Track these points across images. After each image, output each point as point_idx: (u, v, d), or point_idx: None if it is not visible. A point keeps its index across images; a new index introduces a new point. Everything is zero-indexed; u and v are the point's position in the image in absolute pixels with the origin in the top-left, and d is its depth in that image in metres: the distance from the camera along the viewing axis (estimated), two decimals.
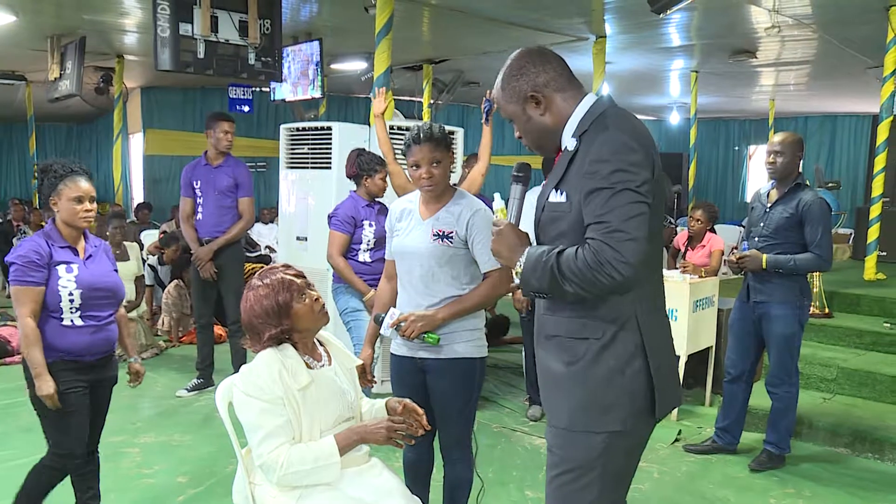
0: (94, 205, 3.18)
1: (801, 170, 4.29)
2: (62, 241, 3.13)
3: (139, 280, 7.25)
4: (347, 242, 4.58)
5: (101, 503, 3.47)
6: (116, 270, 3.34)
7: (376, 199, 4.70)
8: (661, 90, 13.34)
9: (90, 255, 3.20)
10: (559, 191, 2.01)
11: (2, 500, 3.25)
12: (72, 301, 3.06)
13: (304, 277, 2.51)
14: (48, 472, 3.20)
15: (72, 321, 3.08)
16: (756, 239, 4.31)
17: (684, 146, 13.03)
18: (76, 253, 3.15)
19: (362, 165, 4.61)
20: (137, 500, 3.90)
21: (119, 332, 3.35)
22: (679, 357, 4.82)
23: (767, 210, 4.30)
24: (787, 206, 4.19)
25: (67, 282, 3.06)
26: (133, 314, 6.86)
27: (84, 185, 3.13)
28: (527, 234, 2.09)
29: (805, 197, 4.14)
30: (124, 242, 7.12)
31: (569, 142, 2.02)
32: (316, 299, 2.47)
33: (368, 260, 4.61)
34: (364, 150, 4.81)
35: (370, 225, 4.59)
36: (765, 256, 4.18)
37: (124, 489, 3.99)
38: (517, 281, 2.04)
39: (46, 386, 2.99)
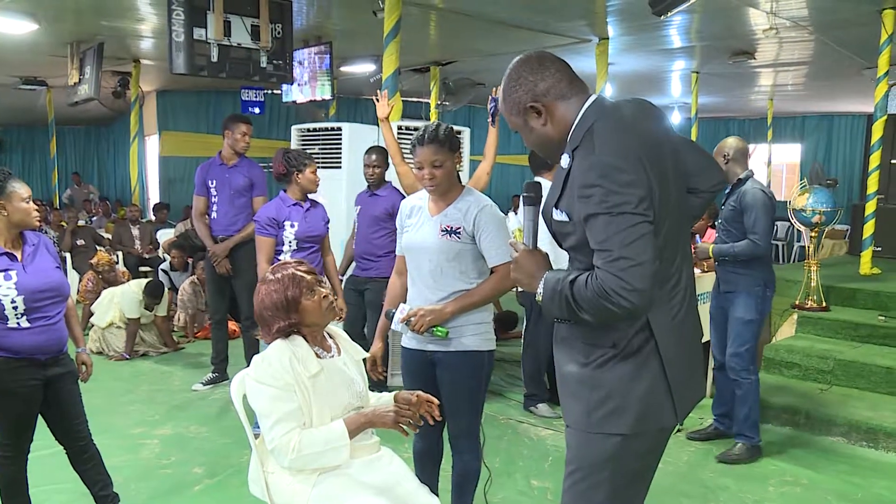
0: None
1: (747, 167, 4.53)
2: None
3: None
4: (273, 245, 4.45)
5: (123, 493, 3.55)
6: (59, 267, 3.28)
7: (308, 197, 4.59)
8: (662, 91, 13.40)
9: (30, 257, 3.13)
10: (559, 209, 1.94)
11: (32, 487, 3.35)
12: (15, 308, 3.01)
13: (315, 274, 2.56)
14: (4, 465, 3.19)
15: (18, 324, 3.04)
16: (717, 233, 4.62)
17: None
18: (14, 258, 3.08)
19: (291, 162, 4.49)
20: (156, 489, 4.00)
21: (67, 323, 3.31)
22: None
23: (721, 206, 4.60)
24: (731, 201, 4.47)
25: (8, 290, 3.00)
26: (145, 319, 7.05)
27: (26, 186, 3.14)
28: (545, 255, 2.05)
29: (743, 189, 4.40)
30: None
31: (563, 159, 1.95)
32: (325, 296, 2.52)
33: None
34: (289, 149, 4.74)
35: (291, 225, 4.44)
36: (711, 246, 4.51)
37: (143, 479, 4.11)
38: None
39: None
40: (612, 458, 1.98)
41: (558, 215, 1.95)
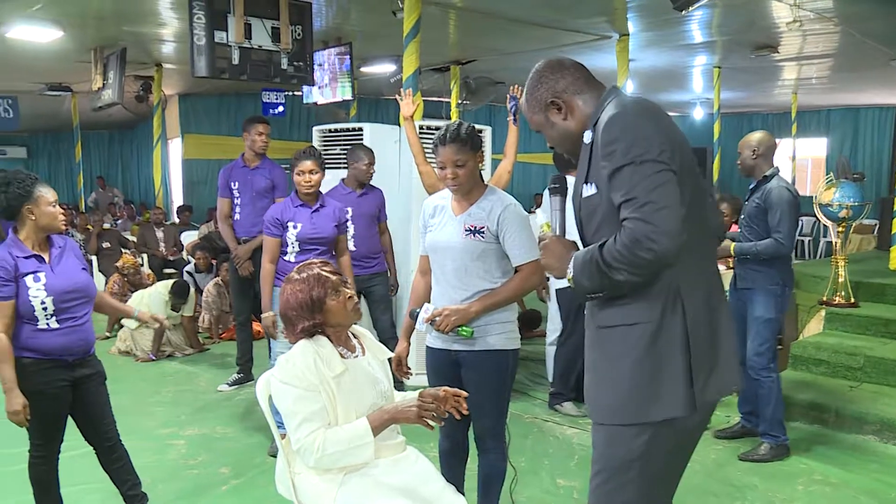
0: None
1: (773, 164, 4.47)
2: (27, 250, 3.11)
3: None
4: (277, 245, 4.39)
5: (150, 493, 3.58)
6: (85, 269, 3.32)
7: (321, 197, 4.48)
8: (684, 86, 13.35)
9: (57, 259, 3.18)
10: (589, 183, 2.01)
11: (64, 487, 3.39)
12: (45, 308, 3.06)
13: (340, 275, 2.56)
14: (36, 465, 3.25)
15: (48, 325, 3.09)
16: (740, 229, 4.56)
17: (708, 141, 13.02)
18: (42, 260, 3.13)
19: (291, 164, 4.43)
20: (183, 489, 4.02)
21: (105, 304, 3.38)
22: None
23: (745, 202, 4.54)
24: (756, 197, 4.42)
25: (38, 291, 3.05)
26: (172, 320, 7.08)
27: (52, 190, 3.18)
28: (573, 241, 2.09)
29: (769, 186, 4.35)
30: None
31: (586, 135, 2.04)
32: (349, 297, 2.52)
33: (293, 261, 4.33)
34: (306, 148, 4.59)
35: (294, 226, 4.35)
36: (732, 244, 4.44)
37: (171, 479, 4.14)
38: (552, 280, 2.06)
39: (15, 402, 3.01)
40: (639, 458, 1.97)
41: (587, 190, 2.02)
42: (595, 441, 2.09)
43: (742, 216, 4.57)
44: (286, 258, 4.39)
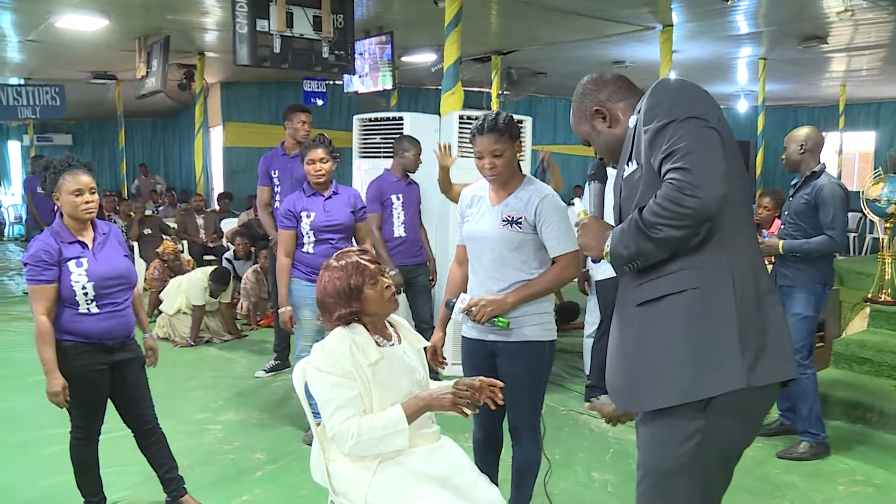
0: (95, 196, 3.19)
1: (819, 160, 4.40)
2: (70, 236, 3.15)
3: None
4: (292, 238, 4.35)
5: (187, 477, 3.63)
6: (127, 255, 3.37)
7: (334, 184, 4.44)
8: (728, 78, 13.13)
9: (100, 245, 3.23)
10: (631, 162, 1.99)
11: (103, 468, 3.45)
12: (86, 293, 3.11)
13: (379, 264, 2.56)
14: (77, 446, 3.31)
15: (88, 309, 3.14)
16: (783, 226, 4.48)
17: (752, 134, 12.82)
18: (85, 246, 3.18)
19: (302, 152, 4.40)
20: (219, 473, 4.07)
21: (134, 310, 3.38)
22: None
23: (790, 198, 4.45)
24: (803, 193, 4.33)
25: (79, 276, 3.10)
26: (210, 306, 7.20)
27: (83, 178, 3.14)
28: (610, 224, 2.07)
29: (819, 182, 4.27)
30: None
31: (630, 119, 2.05)
32: (387, 287, 2.52)
33: (311, 252, 4.33)
34: (317, 136, 4.55)
35: (308, 216, 4.31)
36: (781, 242, 4.34)
37: (207, 463, 4.19)
38: (590, 266, 2.02)
39: (55, 384, 3.06)
40: (687, 463, 1.90)
41: (629, 169, 2.00)
42: (640, 443, 2.01)
43: (786, 212, 4.49)
44: (304, 250, 4.35)
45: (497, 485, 2.73)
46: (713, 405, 1.85)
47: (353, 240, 4.51)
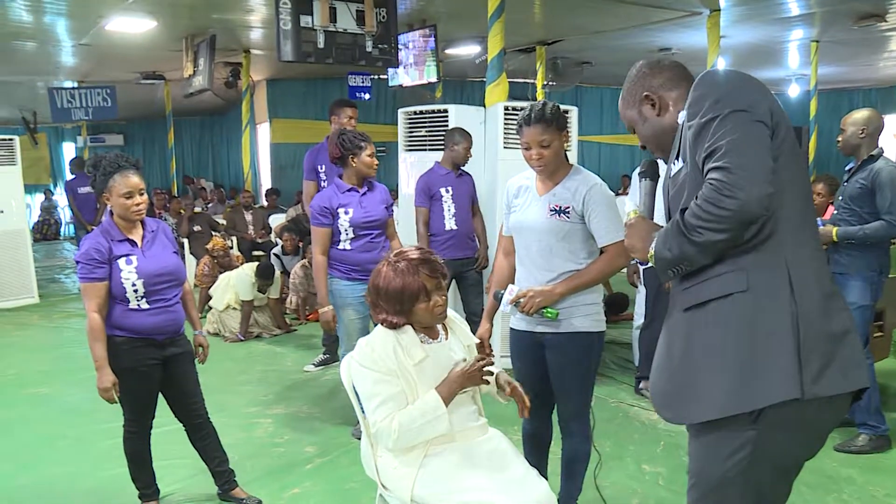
0: (144, 196, 3.22)
1: (878, 144, 4.25)
2: (120, 234, 3.20)
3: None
4: (328, 235, 4.24)
5: (237, 470, 3.68)
6: (176, 252, 3.39)
7: (367, 180, 4.34)
8: (778, 62, 12.86)
9: (149, 243, 3.27)
10: (678, 159, 1.92)
11: (156, 461, 3.53)
12: (136, 290, 3.16)
13: (439, 278, 2.49)
14: (130, 439, 3.38)
15: (138, 305, 3.19)
16: (836, 211, 4.33)
17: (804, 119, 12.52)
18: (134, 244, 3.22)
19: (346, 144, 4.23)
20: (270, 466, 4.11)
21: (185, 307, 3.43)
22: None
23: (845, 183, 4.31)
24: (859, 177, 4.19)
25: (129, 273, 3.15)
26: (258, 301, 7.26)
27: (133, 179, 3.16)
28: (659, 225, 2.00)
29: (876, 166, 4.13)
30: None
31: (680, 115, 1.96)
32: (439, 304, 2.48)
33: (348, 248, 4.25)
34: (347, 130, 4.50)
35: (346, 212, 4.20)
36: (835, 229, 4.19)
37: (258, 456, 4.22)
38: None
39: (105, 380, 3.11)
40: (736, 477, 1.82)
41: (676, 166, 1.93)
42: (690, 448, 1.94)
43: (840, 198, 4.35)
44: (340, 247, 4.26)
45: (546, 478, 2.71)
46: (765, 416, 1.75)
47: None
